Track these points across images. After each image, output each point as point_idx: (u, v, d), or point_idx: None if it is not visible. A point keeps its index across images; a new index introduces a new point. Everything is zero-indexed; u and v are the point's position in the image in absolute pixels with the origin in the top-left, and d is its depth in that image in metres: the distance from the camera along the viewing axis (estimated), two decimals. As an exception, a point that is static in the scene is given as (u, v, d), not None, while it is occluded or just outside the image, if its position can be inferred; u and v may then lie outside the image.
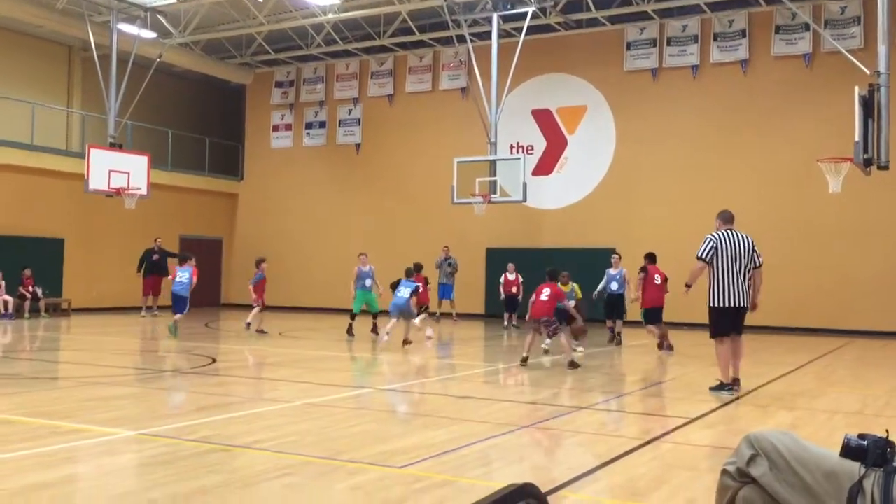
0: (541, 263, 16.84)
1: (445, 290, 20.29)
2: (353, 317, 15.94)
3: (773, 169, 19.81)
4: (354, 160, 25.11)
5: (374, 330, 15.83)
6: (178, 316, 15.45)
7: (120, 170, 19.15)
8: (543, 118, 22.52)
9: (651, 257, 14.57)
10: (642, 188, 21.11)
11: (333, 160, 25.48)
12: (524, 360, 11.54)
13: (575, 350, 12.96)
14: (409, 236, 23.55)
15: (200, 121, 27.08)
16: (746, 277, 9.08)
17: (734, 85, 20.39)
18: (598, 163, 21.73)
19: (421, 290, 15.59)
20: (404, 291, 14.32)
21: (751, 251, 9.11)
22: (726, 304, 9.04)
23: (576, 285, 13.62)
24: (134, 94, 20.31)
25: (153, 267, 21.21)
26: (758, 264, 9.22)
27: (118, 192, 19.17)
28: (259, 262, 16.96)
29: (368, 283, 15.72)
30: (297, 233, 25.43)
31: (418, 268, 15.47)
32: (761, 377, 10.57)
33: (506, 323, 18.64)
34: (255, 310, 16.69)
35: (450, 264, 20.17)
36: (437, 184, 22.05)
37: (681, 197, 20.52)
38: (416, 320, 15.36)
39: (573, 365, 11.25)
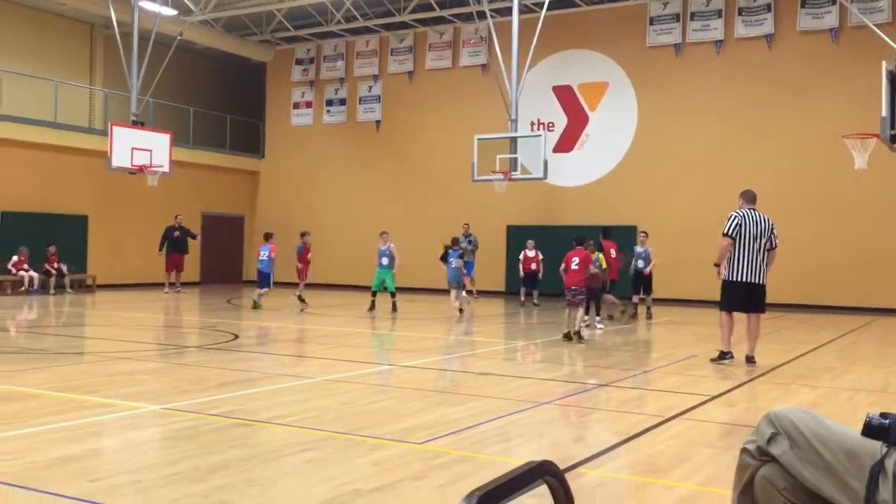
0: (562, 241, 16.78)
1: (466, 268, 20.24)
2: (373, 294, 16.43)
3: (799, 145, 19.56)
4: (374, 137, 25.08)
5: (394, 308, 16.12)
6: (262, 290, 16.47)
7: (142, 147, 19.25)
8: (564, 95, 22.34)
9: (605, 232, 15.49)
10: (665, 165, 20.94)
11: (354, 137, 25.46)
12: (567, 336, 11.66)
13: (596, 327, 12.98)
14: (429, 213, 23.54)
15: (221, 98, 27.14)
16: (764, 257, 9.38)
17: (759, 60, 20.10)
18: (620, 140, 21.56)
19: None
20: (456, 262, 15.65)
21: (769, 232, 9.40)
22: (740, 279, 9.37)
23: (601, 255, 13.76)
24: (155, 71, 20.36)
25: (175, 244, 21.37)
26: (773, 245, 9.48)
27: (141, 169, 19.29)
28: (302, 235, 17.68)
29: (385, 261, 16.16)
30: (318, 210, 25.50)
31: (454, 242, 16.44)
32: (784, 355, 10.51)
33: (523, 299, 18.57)
34: (301, 285, 17.37)
35: (470, 241, 20.13)
36: (458, 161, 21.98)
37: (704, 173, 20.33)
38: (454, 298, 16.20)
39: (578, 336, 11.51)
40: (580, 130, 22.13)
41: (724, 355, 9.52)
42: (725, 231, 9.36)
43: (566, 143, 22.20)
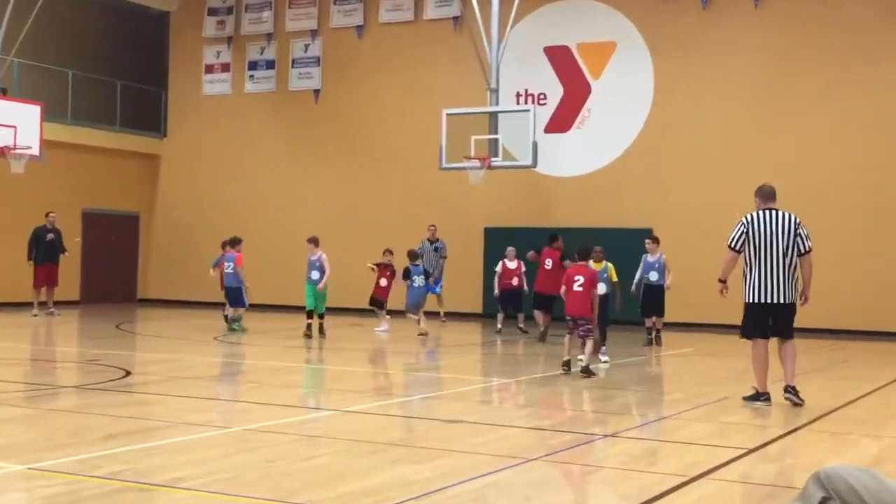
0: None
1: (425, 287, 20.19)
2: (309, 315, 16.71)
3: (858, 126, 19.80)
4: (312, 112, 25.01)
5: (322, 331, 16.65)
6: (238, 310, 17.39)
7: (4, 123, 19.02)
8: (560, 58, 22.45)
9: (552, 238, 16.80)
10: (687, 150, 21.08)
11: (285, 111, 25.37)
12: (566, 365, 11.91)
13: (599, 360, 13.10)
14: (382, 212, 23.52)
15: (111, 60, 26.88)
16: (789, 267, 9.63)
17: (808, 16, 20.31)
18: (631, 117, 21.68)
19: (385, 283, 17.78)
20: (420, 280, 16.99)
21: (793, 235, 9.61)
22: (759, 300, 9.64)
23: (610, 265, 13.85)
24: (22, 24, 20.12)
25: (48, 251, 21.05)
26: (804, 250, 9.69)
27: (2, 152, 19.05)
28: (233, 243, 18.09)
29: (315, 275, 16.69)
30: (238, 206, 25.32)
31: (411, 255, 17.40)
32: (840, 395, 10.64)
33: (499, 325, 18.41)
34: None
35: (436, 249, 20.07)
36: (421, 144, 21.95)
37: (737, 161, 20.48)
38: (380, 328, 17.65)
39: (587, 372, 11.66)
40: (580, 104, 22.24)
41: (758, 395, 9.74)
42: (729, 243, 9.77)
43: (562, 120, 22.30)
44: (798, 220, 9.71)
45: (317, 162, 24.81)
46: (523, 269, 18.27)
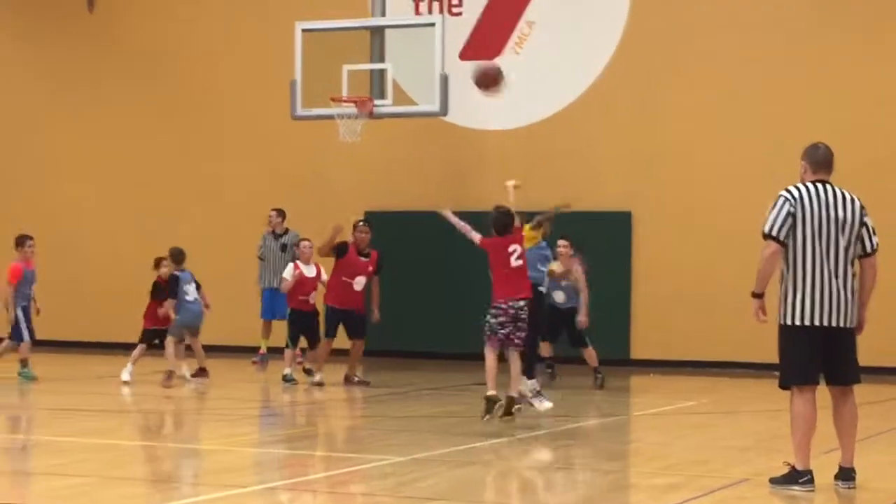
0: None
1: (274, 302, 20.25)
2: None
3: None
4: (83, 24, 24.88)
5: None
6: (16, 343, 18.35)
7: None
8: (483, -61, 22.55)
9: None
10: (689, 89, 21.33)
11: (34, 23, 25.23)
12: (490, 406, 12.54)
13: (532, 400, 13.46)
14: (195, 188, 23.58)
15: None
16: (847, 271, 9.73)
17: None
18: (594, 39, 21.88)
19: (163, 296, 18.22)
20: (193, 292, 17.73)
21: (857, 224, 9.71)
22: (809, 321, 9.64)
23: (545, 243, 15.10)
24: None
25: None
26: (870, 249, 9.83)
27: None
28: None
29: None
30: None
31: (176, 256, 18.13)
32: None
33: (287, 370, 18.27)
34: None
35: (284, 248, 20.12)
36: (263, 79, 22.13)
37: (755, 115, 20.80)
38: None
39: (510, 407, 12.43)
40: (516, 16, 22.33)
41: (796, 476, 9.70)
42: (769, 229, 9.66)
43: (487, 41, 22.36)
44: (862, 206, 9.74)
45: (91, 106, 24.71)
46: (324, 276, 18.52)
